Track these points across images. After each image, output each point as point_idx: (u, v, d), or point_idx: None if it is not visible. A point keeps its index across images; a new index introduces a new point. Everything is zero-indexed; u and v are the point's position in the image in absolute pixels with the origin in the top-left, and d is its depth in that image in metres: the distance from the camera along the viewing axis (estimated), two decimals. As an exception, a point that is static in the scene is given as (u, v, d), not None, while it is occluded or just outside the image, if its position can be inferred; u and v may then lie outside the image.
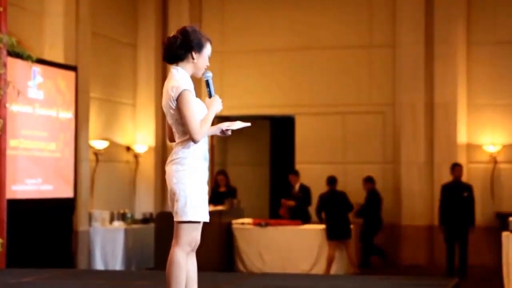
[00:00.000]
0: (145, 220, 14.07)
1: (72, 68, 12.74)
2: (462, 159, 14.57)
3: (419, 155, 14.85)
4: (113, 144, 14.83)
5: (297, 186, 14.01)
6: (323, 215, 13.20)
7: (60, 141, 12.41)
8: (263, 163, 17.70)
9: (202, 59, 4.86)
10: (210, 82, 4.88)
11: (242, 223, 13.48)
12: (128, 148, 15.51)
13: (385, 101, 15.38)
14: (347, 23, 15.67)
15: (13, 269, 9.63)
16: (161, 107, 16.25)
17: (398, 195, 15.02)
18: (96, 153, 14.22)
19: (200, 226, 4.84)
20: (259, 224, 13.36)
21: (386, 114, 15.37)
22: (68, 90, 12.57)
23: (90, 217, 13.40)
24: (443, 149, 14.71)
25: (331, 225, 12.92)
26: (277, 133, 17.62)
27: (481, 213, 14.04)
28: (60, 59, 12.66)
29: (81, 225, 13.10)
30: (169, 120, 4.84)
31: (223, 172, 14.55)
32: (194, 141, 4.71)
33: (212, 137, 12.97)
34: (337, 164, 15.48)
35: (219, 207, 13.29)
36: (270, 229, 13.25)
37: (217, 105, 4.83)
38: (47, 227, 11.98)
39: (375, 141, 15.41)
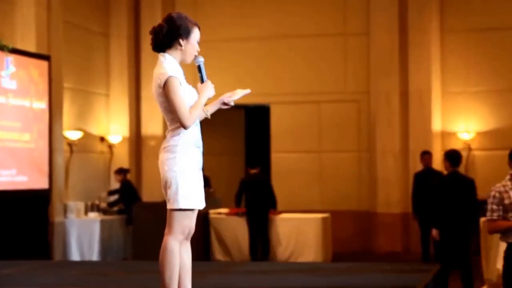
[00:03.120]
0: (121, 211, 13.97)
1: (45, 57, 12.60)
2: (436, 147, 14.63)
3: (394, 143, 14.88)
4: (87, 135, 14.70)
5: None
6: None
7: (34, 132, 12.28)
8: (238, 153, 17.64)
9: (190, 45, 4.80)
10: (202, 67, 4.84)
11: (219, 213, 13.44)
12: (102, 139, 15.40)
13: (360, 89, 15.39)
14: (321, 11, 15.64)
15: (-10, 261, 9.53)
16: (135, 97, 16.12)
17: (374, 183, 15.04)
18: (70, 144, 14.10)
19: (193, 214, 4.79)
20: (235, 214, 13.32)
21: (361, 103, 15.38)
22: (41, 79, 12.43)
23: (65, 208, 13.29)
24: (418, 137, 14.74)
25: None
26: (252, 122, 17.57)
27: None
28: (32, 49, 12.51)
29: (57, 216, 12.98)
30: (159, 108, 4.78)
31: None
32: (184, 127, 4.66)
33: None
34: (313, 152, 15.49)
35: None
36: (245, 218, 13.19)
37: (209, 90, 4.79)
38: (22, 219, 11.87)
39: (351, 130, 15.42)
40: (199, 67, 4.83)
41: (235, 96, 4.91)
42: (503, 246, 9.58)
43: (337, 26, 15.56)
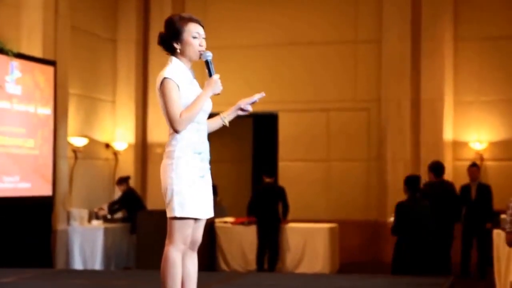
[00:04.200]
0: (125, 219, 13.78)
1: (51, 62, 12.43)
2: (448, 157, 14.42)
3: (405, 152, 14.66)
4: (92, 141, 14.52)
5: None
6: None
7: (39, 138, 12.10)
8: (245, 161, 17.45)
9: (186, 44, 4.65)
10: (210, 62, 4.67)
11: (225, 222, 13.26)
12: (107, 146, 15.23)
13: (370, 98, 15.18)
14: (332, 18, 15.46)
15: (-8, 269, 9.38)
16: (142, 104, 15.97)
17: (383, 192, 14.81)
18: (75, 150, 13.92)
19: (196, 223, 4.64)
20: (242, 223, 13.13)
21: (371, 111, 15.18)
22: (46, 85, 12.26)
23: (69, 216, 13.12)
24: (429, 146, 14.53)
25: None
26: (260, 130, 17.38)
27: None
28: (38, 54, 12.35)
29: (60, 224, 12.81)
30: (162, 112, 4.65)
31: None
32: (175, 131, 4.52)
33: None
34: (321, 161, 15.29)
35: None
36: (253, 228, 12.99)
37: (213, 86, 4.60)
38: (25, 226, 11.69)
39: (360, 138, 15.21)
40: (206, 63, 4.67)
41: (252, 100, 4.73)
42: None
43: (348, 34, 15.37)
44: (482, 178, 13.20)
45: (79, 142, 13.95)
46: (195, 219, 4.62)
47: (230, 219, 13.44)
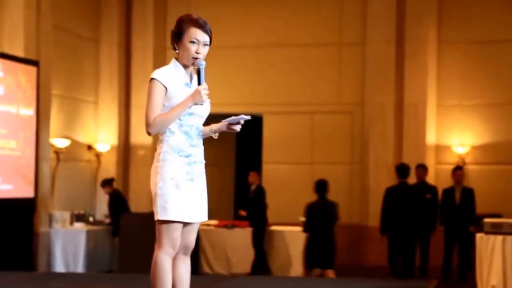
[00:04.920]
0: (106, 220, 13.69)
1: (34, 62, 12.32)
2: (431, 160, 14.42)
3: (388, 156, 14.65)
4: (74, 143, 14.40)
5: (253, 187, 13.29)
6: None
7: (21, 139, 11.98)
8: (228, 164, 17.38)
9: (183, 47, 4.57)
10: (201, 71, 4.61)
11: (208, 225, 13.19)
12: (90, 147, 15.11)
13: (354, 101, 15.16)
14: (317, 21, 15.42)
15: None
16: (124, 105, 15.80)
17: (366, 195, 14.80)
18: (57, 152, 13.79)
19: (184, 227, 4.57)
20: (225, 226, 13.07)
21: (355, 114, 15.15)
22: (29, 85, 12.15)
23: (51, 218, 12.99)
24: (412, 150, 14.52)
25: None
26: (244, 132, 17.28)
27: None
28: (20, 53, 12.22)
29: (42, 226, 12.68)
30: None
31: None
32: (147, 133, 4.52)
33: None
34: (305, 164, 15.25)
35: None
36: (236, 230, 12.94)
37: (195, 96, 4.51)
38: (6, 228, 11.55)
39: (344, 141, 15.18)
40: (198, 71, 4.61)
41: (238, 119, 4.65)
42: (497, 262, 9.45)
43: (333, 36, 15.34)
44: (464, 182, 13.21)
45: (61, 143, 13.82)
46: (184, 223, 4.55)
47: (213, 221, 13.37)
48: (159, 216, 4.48)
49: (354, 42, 15.19)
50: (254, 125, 15.74)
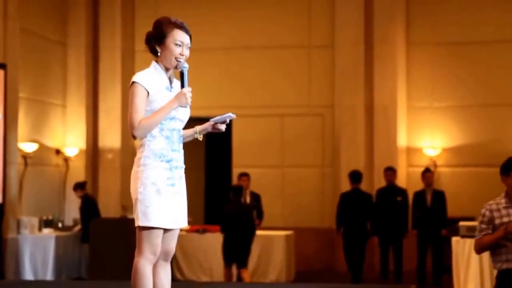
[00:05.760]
0: (75, 226, 13.49)
1: (1, 65, 12.13)
2: (402, 163, 14.41)
3: (359, 158, 14.60)
4: (42, 147, 14.19)
5: (247, 193, 12.89)
6: None
7: (-13, 143, 11.76)
8: (198, 167, 17.22)
9: (167, 49, 4.55)
10: (185, 74, 4.58)
11: (179, 230, 13.02)
12: (58, 151, 14.89)
13: (324, 103, 15.10)
14: (285, 23, 15.35)
15: None
16: (92, 108, 15.61)
17: (337, 199, 14.69)
18: (25, 156, 13.57)
19: (165, 233, 4.54)
20: (196, 231, 12.94)
21: (325, 116, 15.09)
22: (-5, 89, 11.93)
23: (19, 224, 12.76)
24: (383, 152, 14.49)
25: None
26: (213, 136, 17.14)
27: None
28: (-13, 57, 12.02)
29: (9, 233, 12.48)
30: None
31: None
32: (133, 137, 4.46)
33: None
34: (275, 167, 15.16)
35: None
36: (208, 235, 12.81)
37: (180, 99, 4.51)
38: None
39: (314, 144, 15.11)
40: (181, 74, 4.57)
41: (223, 119, 4.75)
42: (474, 266, 9.43)
43: (302, 38, 15.28)
44: (435, 185, 13.21)
45: (29, 147, 13.61)
46: (164, 229, 4.48)
47: (184, 227, 13.20)
48: (140, 222, 4.42)
49: (323, 45, 15.14)
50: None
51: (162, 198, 4.45)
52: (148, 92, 4.45)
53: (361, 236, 12.41)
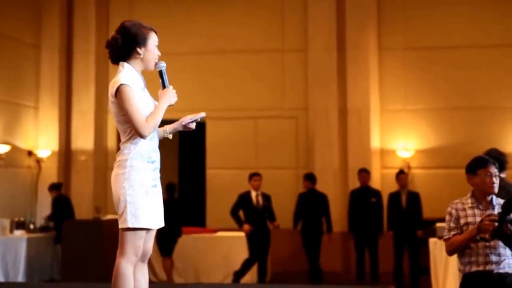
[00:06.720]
0: (47, 228, 13.36)
1: (-28, 67, 12.02)
2: (375, 165, 14.46)
3: (333, 161, 14.63)
4: (14, 149, 14.10)
5: (259, 193, 12.61)
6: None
7: (-41, 145, 11.65)
8: (171, 170, 17.15)
9: (149, 51, 4.60)
10: (164, 72, 4.62)
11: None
12: (30, 153, 14.79)
13: (298, 106, 15.12)
14: (259, 27, 15.38)
15: None
16: (65, 110, 15.54)
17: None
18: (-4, 158, 13.48)
19: (147, 234, 4.52)
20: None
21: (299, 119, 15.11)
22: (-33, 90, 11.82)
23: (-11, 226, 12.63)
24: (357, 154, 14.53)
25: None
26: (186, 138, 17.12)
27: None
28: (-41, 58, 11.91)
29: (-19, 234, 12.34)
30: (113, 119, 4.56)
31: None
32: (141, 137, 4.44)
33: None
34: (249, 169, 15.09)
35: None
36: (183, 237, 12.74)
37: (169, 97, 4.58)
38: None
39: (289, 146, 15.12)
40: (160, 73, 4.63)
41: (195, 118, 4.78)
42: (452, 267, 9.43)
43: (275, 42, 15.30)
44: (409, 186, 13.25)
45: (1, 149, 13.51)
46: (147, 230, 4.49)
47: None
48: (129, 223, 4.40)
49: (296, 49, 15.20)
50: (197, 130, 15.59)
51: (149, 199, 4.46)
52: None
53: (317, 233, 12.79)
